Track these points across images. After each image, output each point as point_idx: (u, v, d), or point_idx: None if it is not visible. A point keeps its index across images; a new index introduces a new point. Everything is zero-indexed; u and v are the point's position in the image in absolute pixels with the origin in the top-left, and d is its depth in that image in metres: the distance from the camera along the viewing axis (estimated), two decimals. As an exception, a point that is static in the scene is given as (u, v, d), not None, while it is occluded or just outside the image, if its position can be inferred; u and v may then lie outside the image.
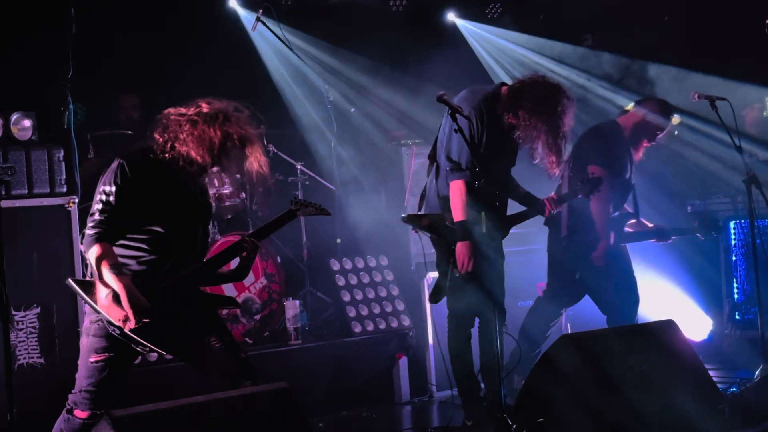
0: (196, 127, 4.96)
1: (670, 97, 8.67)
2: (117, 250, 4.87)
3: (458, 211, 6.07)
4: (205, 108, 5.00)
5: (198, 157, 4.96)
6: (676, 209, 9.03)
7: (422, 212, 6.31)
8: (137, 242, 4.92)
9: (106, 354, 4.88)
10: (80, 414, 4.88)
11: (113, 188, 4.85)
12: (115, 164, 4.92)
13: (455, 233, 6.07)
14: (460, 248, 6.05)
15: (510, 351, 6.74)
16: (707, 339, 8.74)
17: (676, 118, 7.23)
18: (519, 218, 6.46)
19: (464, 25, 9.93)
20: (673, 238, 7.30)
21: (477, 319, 6.36)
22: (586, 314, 7.43)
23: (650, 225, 7.30)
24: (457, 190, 6.08)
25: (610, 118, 7.34)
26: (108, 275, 4.75)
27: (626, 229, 7.19)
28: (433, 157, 6.36)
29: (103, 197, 4.86)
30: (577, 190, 6.49)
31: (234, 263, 5.22)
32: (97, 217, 4.84)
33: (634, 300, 7.07)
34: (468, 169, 6.03)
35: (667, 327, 6.10)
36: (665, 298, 8.64)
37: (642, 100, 7.28)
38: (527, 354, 6.82)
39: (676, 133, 8.37)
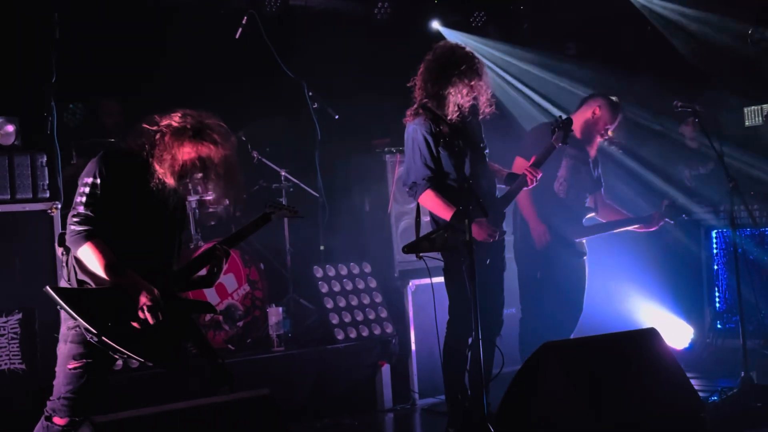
0: (163, 139, 4.92)
1: (652, 105, 8.74)
2: (90, 258, 4.83)
3: (443, 211, 6.06)
4: (175, 122, 4.94)
5: (161, 171, 4.92)
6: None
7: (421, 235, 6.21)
8: (115, 248, 4.86)
9: (85, 360, 4.84)
10: (59, 421, 4.84)
11: (98, 180, 4.80)
12: (96, 159, 4.88)
13: (459, 232, 5.88)
14: (476, 231, 5.87)
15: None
16: (688, 347, 8.75)
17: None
18: (506, 198, 6.43)
19: (449, 34, 9.94)
20: (661, 222, 7.30)
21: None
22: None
23: (629, 215, 7.37)
24: (429, 200, 6.12)
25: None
26: (108, 275, 4.72)
27: (600, 218, 7.27)
28: None
29: (87, 189, 4.79)
30: (552, 142, 6.48)
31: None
32: (82, 210, 4.78)
33: (577, 313, 7.16)
34: (426, 179, 6.11)
35: (649, 335, 6.11)
36: (647, 307, 8.66)
37: (588, 97, 7.36)
38: None
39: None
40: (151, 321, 4.72)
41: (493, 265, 6.24)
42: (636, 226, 7.33)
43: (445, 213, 6.04)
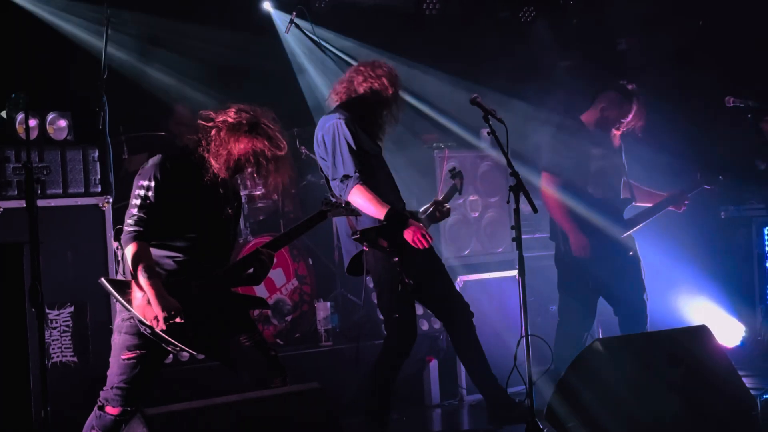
0: (219, 135, 4.98)
1: (703, 102, 8.63)
2: (153, 250, 4.91)
3: (378, 207, 6.04)
4: (231, 117, 5.00)
5: (216, 165, 4.98)
6: (710, 215, 8.96)
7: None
8: (172, 242, 4.97)
9: (138, 351, 4.91)
10: (112, 410, 4.92)
11: (152, 183, 4.89)
12: (155, 160, 4.96)
13: (395, 226, 6.05)
14: (409, 232, 6.05)
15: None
16: (740, 345, 8.68)
17: None
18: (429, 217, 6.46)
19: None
20: (687, 201, 7.28)
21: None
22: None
23: (663, 194, 7.30)
24: (360, 195, 6.06)
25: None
26: (141, 276, 4.79)
27: (641, 204, 7.21)
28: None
29: (142, 192, 4.89)
30: (452, 186, 6.65)
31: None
32: (135, 212, 4.88)
33: (642, 305, 7.09)
34: (358, 172, 6.09)
35: (700, 333, 6.08)
36: (698, 304, 8.59)
37: (599, 91, 7.23)
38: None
39: None
40: (161, 327, 4.78)
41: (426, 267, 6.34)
42: (669, 207, 7.27)
43: (378, 211, 6.04)
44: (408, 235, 6.06)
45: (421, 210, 6.39)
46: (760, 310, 8.75)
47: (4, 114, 6.54)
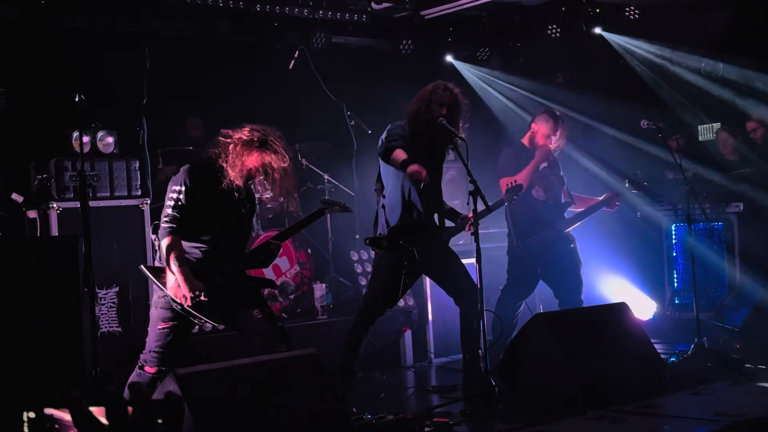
0: (235, 149, 4.97)
1: (624, 124, 8.67)
2: (183, 242, 4.92)
3: (396, 162, 5.76)
4: (245, 135, 4.99)
5: (232, 174, 4.98)
6: (629, 215, 8.99)
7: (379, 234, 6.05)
8: (200, 236, 4.97)
9: (171, 323, 4.93)
10: (150, 369, 4.93)
11: (182, 188, 4.89)
12: (184, 169, 4.97)
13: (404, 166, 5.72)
14: (412, 169, 5.63)
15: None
16: (652, 319, 8.71)
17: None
18: (450, 232, 6.25)
19: (460, 65, 9.93)
20: (617, 203, 7.23)
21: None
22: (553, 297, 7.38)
23: (599, 198, 7.27)
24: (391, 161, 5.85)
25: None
26: (172, 263, 4.79)
27: (575, 209, 7.19)
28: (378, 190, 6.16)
29: (174, 195, 4.90)
30: (503, 198, 6.36)
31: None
32: (169, 212, 4.89)
33: (578, 288, 7.07)
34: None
35: (621, 308, 6.11)
36: (619, 286, 8.63)
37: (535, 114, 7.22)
38: (505, 337, 6.49)
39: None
40: (188, 303, 4.79)
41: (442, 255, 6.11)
42: (603, 208, 7.25)
43: (398, 161, 5.80)
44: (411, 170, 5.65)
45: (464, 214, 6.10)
46: (668, 290, 8.81)
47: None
